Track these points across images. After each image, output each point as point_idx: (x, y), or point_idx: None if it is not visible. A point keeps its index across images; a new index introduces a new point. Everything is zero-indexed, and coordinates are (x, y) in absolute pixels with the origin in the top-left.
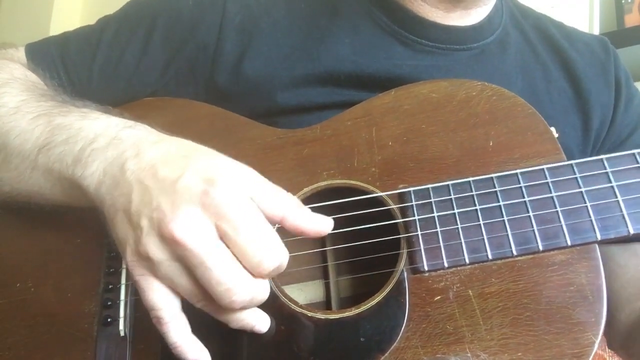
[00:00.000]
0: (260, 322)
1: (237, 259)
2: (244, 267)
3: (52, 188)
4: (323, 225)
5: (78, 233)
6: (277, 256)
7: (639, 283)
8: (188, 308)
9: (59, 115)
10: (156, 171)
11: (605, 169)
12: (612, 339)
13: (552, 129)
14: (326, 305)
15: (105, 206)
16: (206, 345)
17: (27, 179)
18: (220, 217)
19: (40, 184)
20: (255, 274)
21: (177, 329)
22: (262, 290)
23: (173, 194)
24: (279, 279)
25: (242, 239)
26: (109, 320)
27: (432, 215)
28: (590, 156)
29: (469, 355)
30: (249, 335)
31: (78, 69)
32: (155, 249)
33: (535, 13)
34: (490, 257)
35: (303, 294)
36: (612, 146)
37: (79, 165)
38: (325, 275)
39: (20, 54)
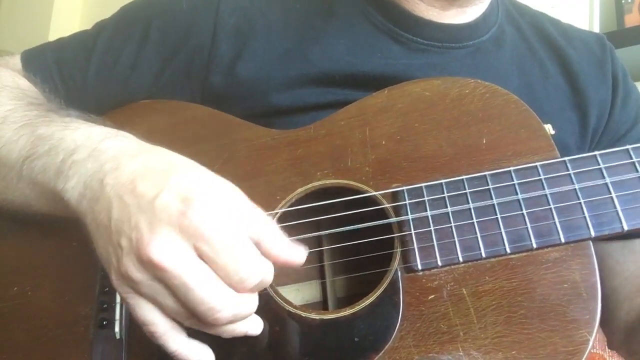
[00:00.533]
0: (252, 326)
1: (220, 277)
2: (227, 284)
3: (38, 199)
4: (295, 256)
5: (74, 236)
6: (259, 272)
7: (638, 280)
8: None
9: (43, 125)
10: (135, 186)
11: (598, 165)
12: (612, 336)
13: (549, 126)
14: (323, 305)
15: (86, 220)
16: None
17: (14, 189)
18: (198, 238)
19: (26, 195)
20: (238, 290)
21: (173, 338)
22: (246, 306)
23: (151, 213)
24: (274, 280)
25: (221, 259)
26: (104, 322)
27: (426, 214)
28: (588, 152)
29: (462, 354)
30: (244, 337)
31: (73, 72)
32: (135, 270)
33: (532, 11)
34: (484, 255)
35: (300, 295)
36: (610, 142)
37: (61, 178)
38: (321, 276)
39: (16, 60)
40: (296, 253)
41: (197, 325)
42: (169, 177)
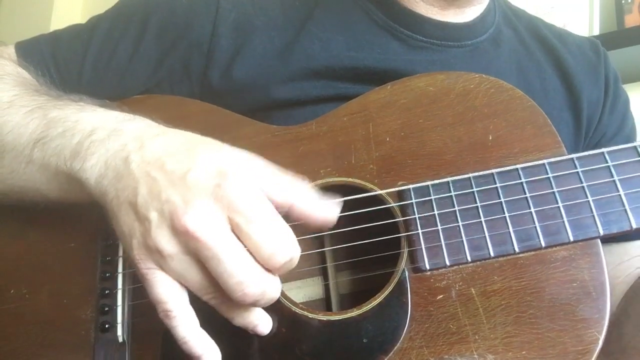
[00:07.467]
0: (262, 322)
1: (250, 252)
2: (256, 260)
3: (49, 183)
4: (329, 211)
5: (72, 237)
6: (289, 249)
7: (611, 281)
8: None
9: (55, 108)
10: (163, 164)
11: (606, 162)
12: None
13: None
14: (326, 302)
15: (107, 199)
16: None
17: (22, 174)
18: (233, 210)
19: (36, 179)
20: (267, 266)
21: (186, 323)
22: (273, 286)
23: (183, 187)
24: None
25: (255, 232)
26: (106, 326)
27: (433, 213)
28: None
29: (472, 354)
30: (251, 338)
31: (69, 65)
32: (166, 242)
33: (528, 14)
34: (492, 254)
35: (302, 292)
36: (598, 145)
37: (78, 158)
38: (324, 272)
39: (10, 51)
40: (330, 209)
41: (216, 301)
42: (197, 154)
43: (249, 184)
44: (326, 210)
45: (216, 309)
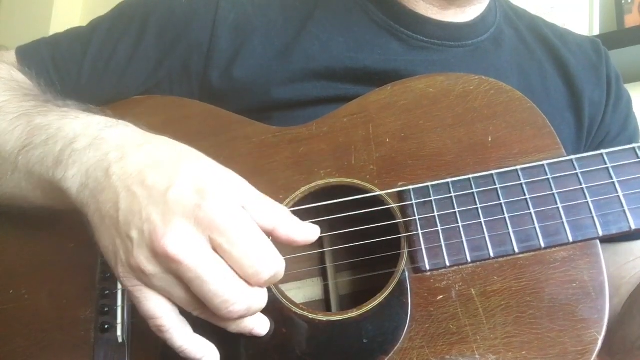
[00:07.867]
0: (258, 325)
1: (233, 269)
2: (240, 277)
3: (34, 191)
4: (311, 233)
5: (71, 238)
6: (273, 265)
7: (615, 282)
8: (185, 312)
9: (39, 115)
10: (144, 177)
11: (605, 164)
12: None
13: None
14: (325, 303)
15: (89, 211)
16: None
17: (9, 181)
18: (214, 230)
19: (22, 187)
20: (252, 283)
21: (180, 334)
22: (259, 299)
23: (163, 206)
24: None
25: (237, 251)
26: (106, 327)
27: (433, 214)
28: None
29: (476, 356)
30: (250, 339)
31: (69, 65)
32: (147, 263)
33: (529, 14)
34: (492, 255)
35: (302, 293)
36: (601, 145)
37: (60, 167)
38: (324, 274)
39: (10, 55)
40: (311, 232)
41: (206, 315)
42: (179, 169)
43: (229, 203)
44: (308, 233)
45: (209, 321)
